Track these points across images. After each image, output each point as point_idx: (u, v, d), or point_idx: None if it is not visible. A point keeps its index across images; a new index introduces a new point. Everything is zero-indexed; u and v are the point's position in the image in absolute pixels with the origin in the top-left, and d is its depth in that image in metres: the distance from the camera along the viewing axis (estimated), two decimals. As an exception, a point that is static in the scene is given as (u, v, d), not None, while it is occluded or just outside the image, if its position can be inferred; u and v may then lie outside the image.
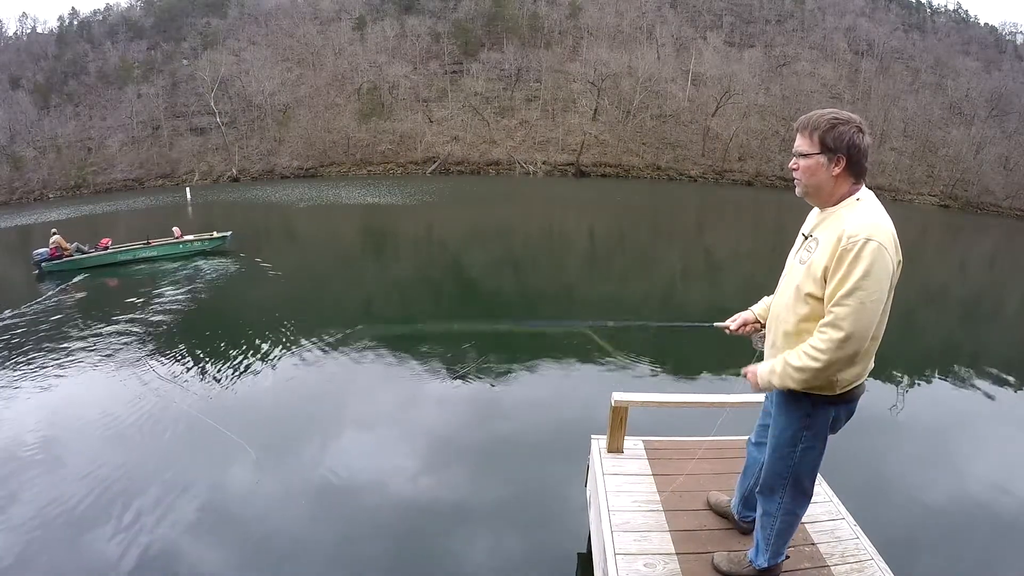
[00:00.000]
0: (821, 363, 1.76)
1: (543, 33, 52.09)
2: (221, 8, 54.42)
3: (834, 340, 1.72)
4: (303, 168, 43.64)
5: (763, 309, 2.30)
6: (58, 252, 11.71)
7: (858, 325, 1.70)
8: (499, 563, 3.54)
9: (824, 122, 1.77)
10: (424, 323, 8.73)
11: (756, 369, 2.02)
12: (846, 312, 1.70)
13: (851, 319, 1.70)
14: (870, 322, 1.71)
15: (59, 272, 11.54)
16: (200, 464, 4.55)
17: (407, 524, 3.86)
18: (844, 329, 1.71)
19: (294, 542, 3.65)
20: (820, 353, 1.75)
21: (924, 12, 59.79)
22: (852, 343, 1.72)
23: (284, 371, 6.51)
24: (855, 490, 3.31)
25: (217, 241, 13.43)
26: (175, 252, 13.00)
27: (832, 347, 1.73)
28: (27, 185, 40.81)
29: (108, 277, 11.53)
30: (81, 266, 11.84)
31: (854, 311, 1.69)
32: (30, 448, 4.81)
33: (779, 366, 1.89)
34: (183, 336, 7.82)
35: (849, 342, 1.71)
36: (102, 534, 3.71)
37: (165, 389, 6.00)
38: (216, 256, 13.12)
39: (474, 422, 5.47)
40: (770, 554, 2.21)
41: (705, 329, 2.46)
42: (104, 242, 12.46)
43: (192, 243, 13.22)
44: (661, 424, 4.18)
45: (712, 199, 32.97)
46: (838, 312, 1.72)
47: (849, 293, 1.69)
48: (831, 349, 1.73)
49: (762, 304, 2.33)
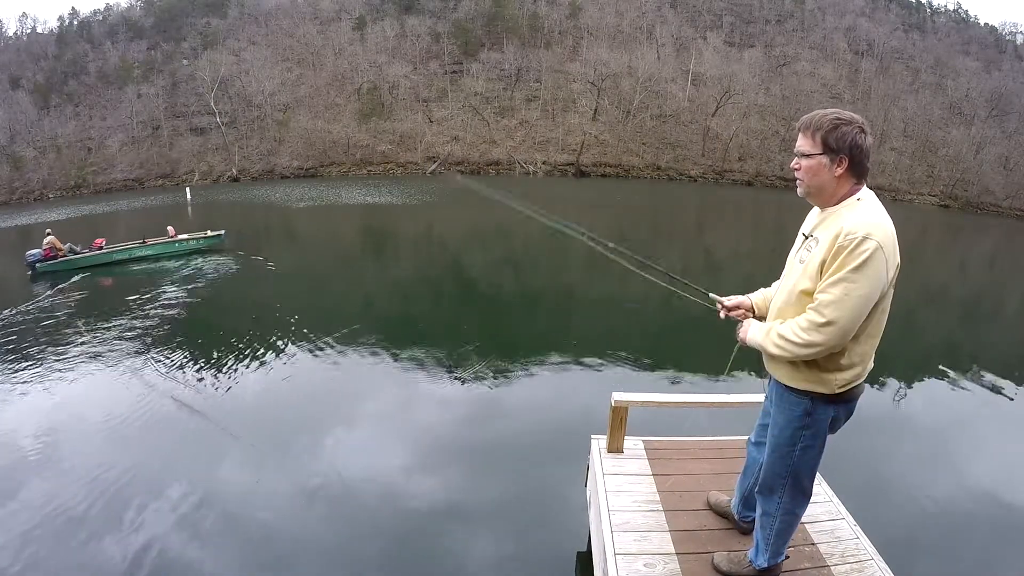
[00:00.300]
0: (800, 342, 1.79)
1: (543, 33, 52.07)
2: (221, 8, 54.40)
3: (814, 324, 1.75)
4: (303, 168, 43.62)
5: (760, 299, 2.30)
6: (52, 252, 11.73)
7: (838, 314, 1.71)
8: (499, 563, 3.54)
9: (827, 122, 1.76)
10: (424, 322, 8.74)
11: (750, 324, 2.08)
12: (828, 299, 1.72)
13: (833, 306, 1.71)
14: (852, 314, 1.71)
15: (53, 273, 11.54)
16: (200, 463, 4.55)
17: (407, 523, 3.86)
18: (824, 316, 1.73)
19: (295, 542, 3.65)
20: (801, 332, 1.79)
21: (924, 12, 59.78)
22: (832, 331, 1.73)
23: (284, 370, 6.51)
24: (855, 490, 3.31)
25: (212, 240, 13.53)
26: (170, 251, 13.08)
27: (811, 328, 1.76)
28: (27, 185, 40.79)
29: (104, 277, 11.54)
30: (76, 266, 11.86)
31: (837, 299, 1.70)
32: (28, 449, 4.81)
33: (770, 330, 1.94)
34: (182, 335, 7.82)
35: (828, 329, 1.73)
36: (101, 535, 3.71)
37: (164, 388, 6.00)
38: (214, 254, 13.16)
39: (474, 422, 5.47)
40: (770, 554, 2.22)
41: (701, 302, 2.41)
42: (98, 242, 12.51)
43: (187, 242, 13.30)
44: (661, 424, 4.18)
45: (712, 199, 32.96)
46: (821, 298, 1.75)
47: (836, 282, 1.71)
48: (809, 330, 1.77)
49: (759, 294, 2.32)
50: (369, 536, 3.73)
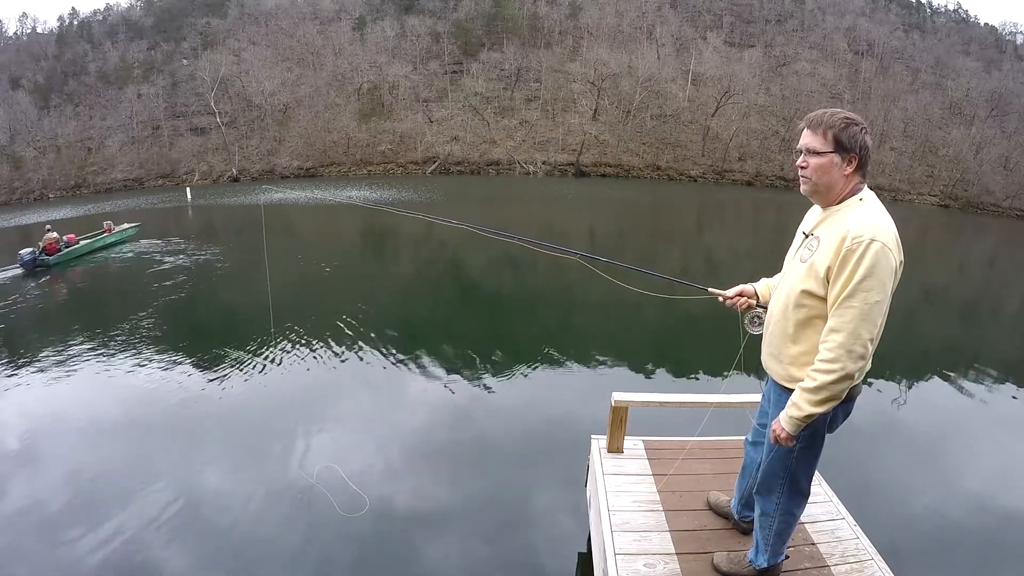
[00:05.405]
0: (835, 373, 1.72)
1: (543, 33, 52.08)
2: (221, 8, 54.39)
3: (842, 345, 1.70)
4: (303, 168, 43.62)
5: (763, 288, 2.29)
6: (59, 246, 12.69)
7: (863, 327, 1.69)
8: (499, 563, 3.54)
9: (838, 120, 1.76)
10: (424, 323, 8.73)
11: (775, 423, 1.93)
12: (851, 315, 1.69)
13: (856, 322, 1.69)
14: (874, 323, 1.70)
15: (55, 266, 12.44)
16: (181, 464, 4.52)
17: (407, 523, 3.85)
18: (850, 332, 1.70)
19: (297, 542, 3.65)
20: (830, 363, 1.73)
21: (924, 12, 59.84)
22: (859, 346, 1.71)
23: (276, 369, 6.48)
24: (855, 490, 3.31)
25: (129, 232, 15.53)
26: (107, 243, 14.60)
27: (841, 353, 1.71)
28: (27, 185, 40.79)
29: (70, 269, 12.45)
30: (68, 258, 12.91)
31: (859, 313, 1.68)
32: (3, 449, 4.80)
33: (796, 398, 1.84)
34: (163, 332, 7.83)
35: (856, 345, 1.70)
36: (78, 536, 3.67)
37: (145, 385, 6.02)
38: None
39: (474, 422, 5.46)
40: (769, 554, 2.22)
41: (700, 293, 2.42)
42: (70, 237, 13.46)
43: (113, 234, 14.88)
44: (661, 424, 4.17)
45: (712, 199, 32.96)
46: (843, 316, 1.70)
47: (852, 294, 1.69)
48: (841, 356, 1.71)
49: (762, 283, 2.32)
50: (371, 535, 3.73)
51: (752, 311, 2.29)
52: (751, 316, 2.29)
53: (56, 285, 11.10)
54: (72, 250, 13.03)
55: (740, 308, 2.32)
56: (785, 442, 1.90)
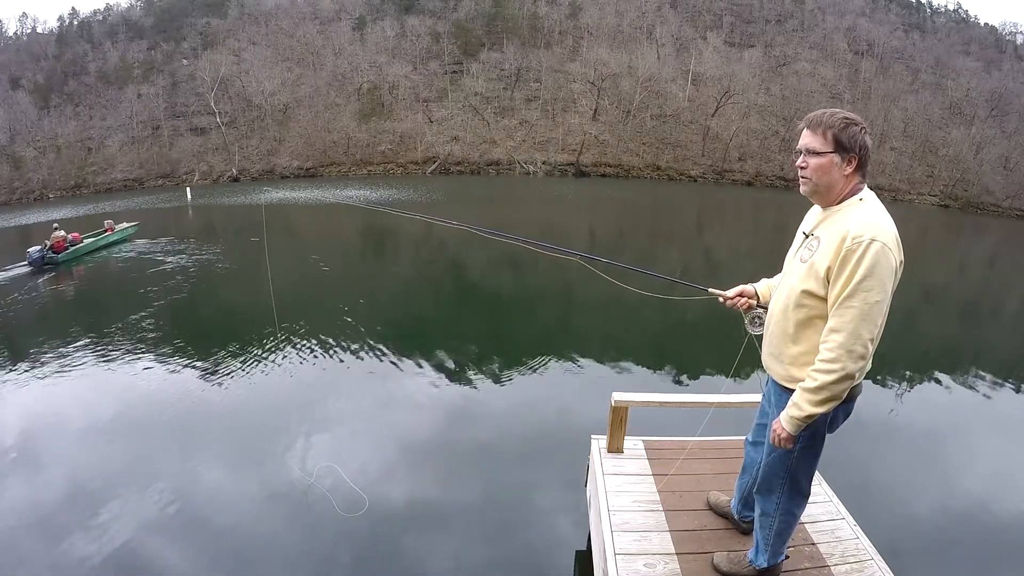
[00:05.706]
0: (836, 373, 1.72)
1: (543, 33, 52.07)
2: (221, 8, 54.37)
3: (843, 345, 1.71)
4: (303, 168, 43.61)
5: (764, 288, 2.30)
6: (67, 244, 12.89)
7: (864, 327, 1.69)
8: (499, 562, 3.54)
9: (838, 120, 1.77)
10: (424, 323, 8.73)
11: (776, 423, 1.93)
12: (852, 315, 1.69)
13: (856, 322, 1.69)
14: (875, 323, 1.70)
15: (64, 263, 12.71)
16: (181, 463, 4.52)
17: (407, 523, 3.85)
18: (850, 332, 1.70)
19: (296, 541, 3.65)
20: (831, 363, 1.73)
21: (924, 12, 59.82)
22: (859, 346, 1.71)
23: (275, 369, 6.47)
24: (855, 490, 3.31)
25: (129, 231, 15.82)
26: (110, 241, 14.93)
27: (842, 353, 1.71)
28: (27, 185, 40.77)
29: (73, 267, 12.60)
30: (73, 256, 13.11)
31: (859, 313, 1.68)
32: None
33: (796, 398, 1.84)
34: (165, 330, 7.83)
35: (856, 345, 1.70)
36: (78, 536, 3.67)
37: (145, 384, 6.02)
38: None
39: (474, 422, 5.46)
40: (769, 554, 2.22)
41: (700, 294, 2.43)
42: (75, 236, 13.62)
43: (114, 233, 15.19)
44: (661, 424, 4.17)
45: (712, 199, 32.96)
46: (843, 316, 1.71)
47: (852, 294, 1.69)
48: (841, 356, 1.71)
49: (763, 283, 2.32)
50: (371, 534, 3.73)
51: (752, 311, 2.29)
52: (751, 316, 2.29)
53: (62, 282, 11.25)
54: (77, 248, 13.23)
55: (740, 308, 2.33)
56: (785, 442, 1.91)
